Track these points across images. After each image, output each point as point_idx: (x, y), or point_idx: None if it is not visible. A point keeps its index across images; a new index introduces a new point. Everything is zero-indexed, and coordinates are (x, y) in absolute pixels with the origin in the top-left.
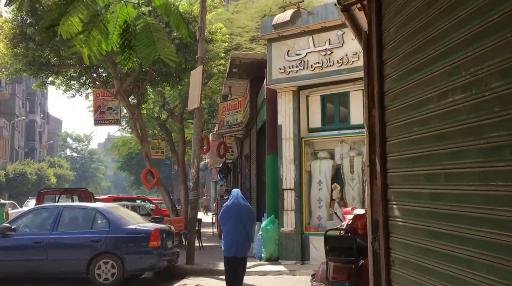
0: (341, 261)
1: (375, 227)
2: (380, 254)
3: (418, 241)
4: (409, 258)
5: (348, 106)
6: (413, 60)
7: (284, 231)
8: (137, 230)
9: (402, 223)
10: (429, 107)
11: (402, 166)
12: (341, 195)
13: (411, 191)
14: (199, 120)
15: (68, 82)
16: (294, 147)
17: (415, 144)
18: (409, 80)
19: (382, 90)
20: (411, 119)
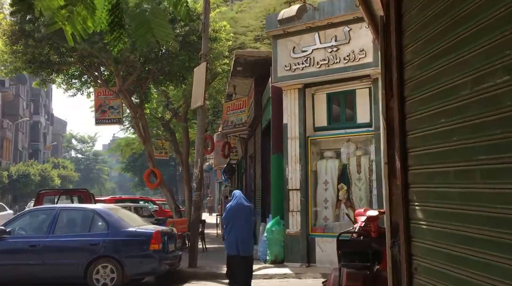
0: (355, 267)
1: (394, 230)
2: (400, 261)
3: (446, 247)
4: (435, 266)
5: (354, 105)
6: (441, 42)
7: (290, 233)
8: (137, 233)
9: (426, 226)
10: (462, 94)
11: (426, 162)
12: (347, 196)
13: (438, 190)
14: (202, 119)
15: (69, 81)
16: (300, 146)
17: (444, 137)
18: (435, 66)
19: (402, 79)
20: (438, 109)
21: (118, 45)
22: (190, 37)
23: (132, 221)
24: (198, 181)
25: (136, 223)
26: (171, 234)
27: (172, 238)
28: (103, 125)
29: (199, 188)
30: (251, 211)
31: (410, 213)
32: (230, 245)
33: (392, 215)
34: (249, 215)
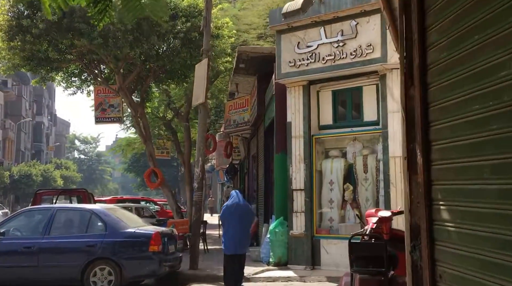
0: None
1: (415, 233)
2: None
3: (479, 253)
4: (464, 273)
5: (361, 102)
6: (474, 17)
7: (294, 234)
8: (136, 234)
9: (453, 228)
10: (501, 75)
11: (454, 156)
12: (353, 196)
13: (469, 187)
14: (204, 117)
15: (69, 79)
16: (304, 145)
17: (478, 126)
18: (467, 45)
19: (425, 64)
20: (470, 95)
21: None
22: (192, 34)
23: (131, 221)
24: (199, 181)
25: (135, 224)
26: (171, 235)
27: (172, 239)
28: (103, 123)
29: (201, 188)
30: (248, 211)
31: (433, 213)
32: (227, 244)
33: (412, 216)
34: (246, 215)
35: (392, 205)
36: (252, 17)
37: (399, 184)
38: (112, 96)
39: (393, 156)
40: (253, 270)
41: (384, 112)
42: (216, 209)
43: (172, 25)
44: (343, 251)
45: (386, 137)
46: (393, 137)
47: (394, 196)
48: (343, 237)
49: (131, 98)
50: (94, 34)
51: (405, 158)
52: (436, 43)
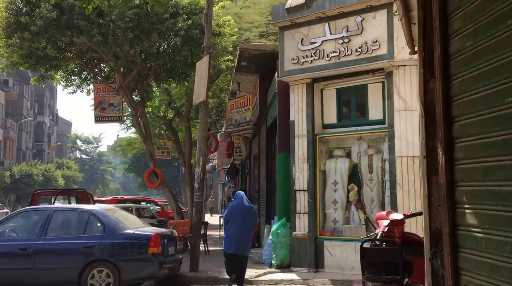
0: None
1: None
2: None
3: (510, 262)
4: (494, 284)
5: (366, 100)
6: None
7: (297, 236)
8: (135, 235)
9: (481, 234)
10: None
11: (482, 154)
12: (358, 197)
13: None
14: (205, 115)
15: (68, 77)
16: (308, 144)
17: (510, 121)
18: (497, 32)
19: (447, 54)
20: (502, 86)
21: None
22: (193, 31)
23: (130, 222)
24: (200, 181)
25: (134, 225)
26: (171, 236)
27: (172, 240)
28: (103, 123)
29: (201, 189)
30: (252, 212)
31: (457, 217)
32: (227, 243)
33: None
34: (250, 216)
35: (399, 207)
36: (254, 15)
37: (405, 185)
38: (112, 95)
39: (400, 155)
40: (255, 272)
41: (391, 110)
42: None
43: (173, 22)
44: (348, 253)
45: (392, 136)
46: (400, 136)
47: (401, 197)
48: (347, 239)
49: (131, 97)
50: (94, 31)
51: (424, 157)
52: (460, 30)
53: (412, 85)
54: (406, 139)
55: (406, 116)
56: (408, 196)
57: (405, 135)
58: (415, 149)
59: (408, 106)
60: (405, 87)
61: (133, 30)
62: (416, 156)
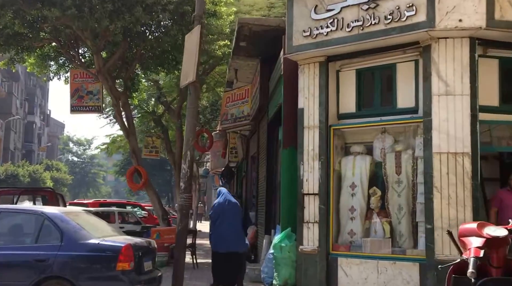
0: None
1: None
2: None
3: None
4: None
5: (393, 84)
6: None
7: (304, 250)
8: (101, 247)
9: None
10: None
11: None
12: (382, 203)
13: None
14: (194, 99)
15: (43, 62)
16: (320, 138)
17: None
18: None
19: None
20: None
21: None
22: (184, 7)
23: (96, 230)
24: (186, 180)
25: (101, 233)
26: (148, 248)
27: (149, 253)
28: (80, 113)
29: (188, 189)
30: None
31: None
32: (220, 242)
33: None
34: (238, 212)
35: (436, 216)
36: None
37: (445, 189)
38: (91, 81)
39: (438, 152)
40: None
41: (427, 95)
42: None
43: None
44: (368, 274)
45: (429, 128)
46: (439, 128)
47: (439, 204)
48: (367, 256)
49: (112, 84)
50: (67, 2)
51: None
52: None
53: (457, 62)
54: (446, 132)
55: (448, 102)
56: (449, 203)
57: (446, 126)
58: (458, 144)
59: (450, 89)
60: (447, 65)
61: (113, 2)
62: (460, 152)
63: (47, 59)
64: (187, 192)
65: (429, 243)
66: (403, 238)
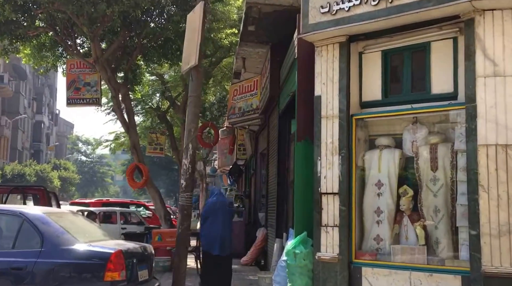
0: None
1: None
2: None
3: None
4: None
5: (427, 66)
6: None
7: (322, 258)
8: (87, 253)
9: None
10: None
11: None
12: (414, 205)
13: None
14: (197, 86)
15: (39, 53)
16: (340, 129)
17: None
18: None
19: None
20: None
21: None
22: None
23: (83, 234)
24: (188, 177)
25: (89, 237)
26: (143, 254)
27: (145, 260)
28: (77, 106)
29: (189, 188)
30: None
31: None
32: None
33: None
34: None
35: (483, 220)
36: None
37: (494, 188)
38: (88, 72)
39: (485, 144)
40: None
41: (470, 77)
42: None
43: None
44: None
45: (472, 116)
46: (486, 116)
47: (486, 205)
48: (398, 266)
49: (112, 75)
50: None
51: None
52: None
53: (508, 38)
54: (495, 120)
55: (496, 84)
56: (498, 205)
57: (494, 113)
58: (510, 134)
59: (499, 70)
60: (494, 41)
61: None
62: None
63: (43, 49)
64: (188, 190)
65: (473, 252)
66: (441, 245)
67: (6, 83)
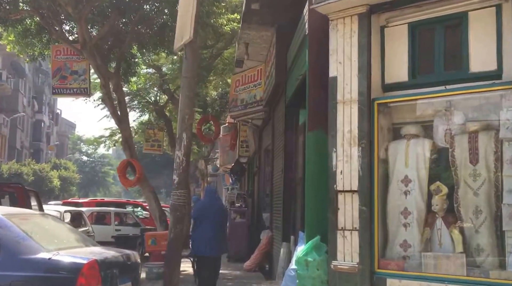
0: None
1: None
2: None
3: None
4: None
5: (463, 41)
6: None
7: (339, 267)
8: (53, 264)
9: None
10: None
11: None
12: (448, 205)
13: None
14: (191, 65)
15: (23, 39)
16: (360, 116)
17: None
18: None
19: None
20: None
21: None
22: None
23: (51, 240)
24: (181, 172)
25: (58, 244)
26: (125, 264)
27: (128, 271)
28: (63, 96)
29: (183, 184)
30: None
31: None
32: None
33: None
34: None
35: None
36: None
37: None
38: (76, 59)
39: None
40: None
41: None
42: None
43: None
44: None
45: None
46: None
47: None
48: (432, 278)
49: (102, 62)
50: None
51: None
52: None
53: None
54: None
55: None
56: None
57: None
58: None
59: None
60: None
61: None
62: None
63: (29, 35)
64: (182, 187)
65: None
66: (484, 253)
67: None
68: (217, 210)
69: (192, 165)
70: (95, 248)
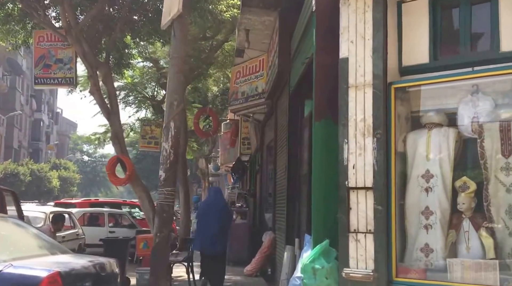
0: None
1: None
2: None
3: None
4: None
5: (493, 17)
6: None
7: (352, 276)
8: (7, 278)
9: None
10: None
11: None
12: (477, 203)
13: None
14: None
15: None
16: (375, 102)
17: None
18: None
19: None
20: None
21: None
22: None
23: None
24: (168, 167)
25: (15, 252)
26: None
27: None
28: (46, 86)
29: (170, 181)
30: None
31: None
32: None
33: None
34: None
35: None
36: None
37: None
38: (61, 46)
39: None
40: None
41: None
42: None
43: None
44: None
45: None
46: None
47: None
48: None
49: (89, 50)
50: None
51: None
52: None
53: None
54: None
55: None
56: None
57: None
58: None
59: None
60: None
61: None
62: None
63: (12, 21)
64: (169, 184)
65: None
66: None
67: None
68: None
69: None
70: (62, 257)
